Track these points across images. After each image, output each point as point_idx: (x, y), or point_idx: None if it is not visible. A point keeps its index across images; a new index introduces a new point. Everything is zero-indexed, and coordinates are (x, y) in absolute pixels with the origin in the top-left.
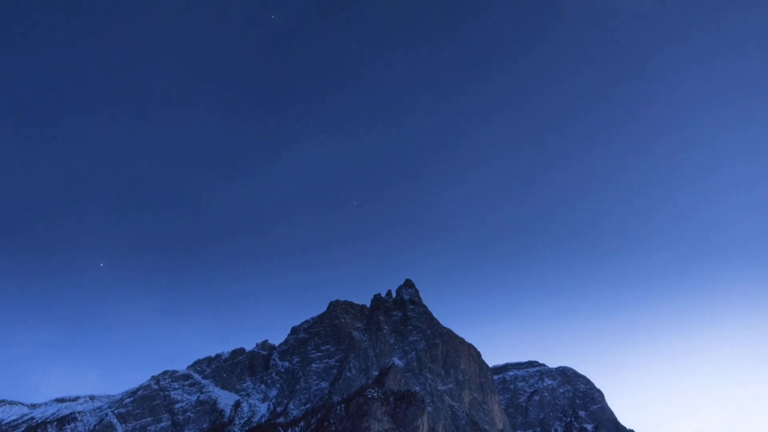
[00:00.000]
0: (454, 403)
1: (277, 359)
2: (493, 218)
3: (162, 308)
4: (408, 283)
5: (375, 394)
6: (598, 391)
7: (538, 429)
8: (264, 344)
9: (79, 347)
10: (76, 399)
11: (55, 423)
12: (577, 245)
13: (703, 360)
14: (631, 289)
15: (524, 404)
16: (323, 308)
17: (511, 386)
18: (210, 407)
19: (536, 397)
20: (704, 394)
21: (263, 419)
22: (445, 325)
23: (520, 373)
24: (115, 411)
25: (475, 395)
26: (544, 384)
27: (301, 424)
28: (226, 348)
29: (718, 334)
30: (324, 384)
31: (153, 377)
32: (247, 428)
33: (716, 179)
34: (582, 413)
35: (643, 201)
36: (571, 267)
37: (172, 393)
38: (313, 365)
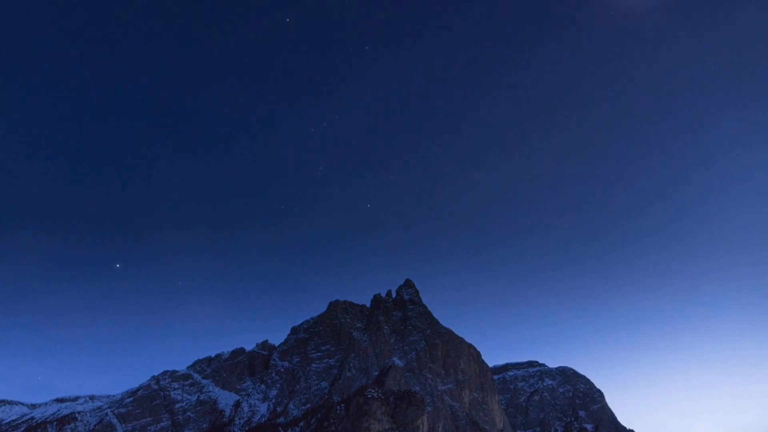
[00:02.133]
0: (454, 403)
1: (277, 359)
2: (493, 218)
3: (162, 308)
4: (408, 283)
5: (375, 394)
6: (598, 391)
7: (538, 429)
8: (264, 344)
9: (79, 346)
10: (76, 399)
11: (55, 423)
12: (577, 246)
13: (703, 360)
14: (631, 289)
15: (524, 404)
16: (323, 308)
17: (511, 386)
18: (210, 407)
19: (536, 397)
20: (704, 394)
21: (263, 419)
22: (445, 325)
23: (520, 373)
24: (115, 411)
25: (475, 395)
26: (544, 384)
27: (301, 424)
28: (226, 348)
29: (719, 334)
30: (324, 384)
31: (153, 377)
32: (247, 428)
33: (718, 181)
34: (582, 413)
35: (645, 202)
36: (571, 267)
37: (172, 393)
38: (313, 365)
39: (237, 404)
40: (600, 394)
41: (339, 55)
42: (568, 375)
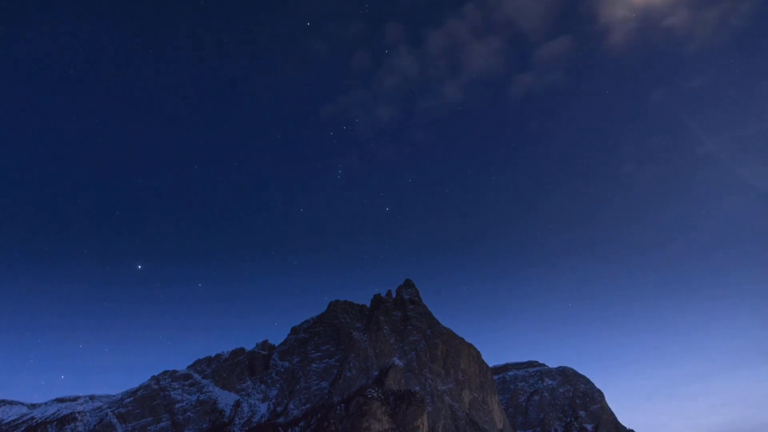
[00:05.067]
0: (454, 403)
1: (277, 359)
2: (494, 217)
3: (162, 308)
4: (408, 283)
5: (375, 394)
6: (598, 391)
7: (538, 429)
8: (264, 344)
9: (80, 347)
10: (76, 399)
11: (55, 423)
12: (577, 245)
13: (703, 360)
14: (631, 289)
15: (524, 404)
16: (323, 308)
17: (511, 386)
18: (210, 407)
19: (536, 397)
20: (704, 395)
21: (263, 419)
22: (445, 325)
23: (520, 373)
24: (115, 411)
25: (475, 395)
26: (544, 384)
27: (301, 424)
28: (226, 348)
29: (719, 334)
30: (324, 384)
31: (153, 377)
32: (247, 428)
33: (718, 184)
34: (582, 413)
35: (646, 201)
36: (571, 267)
37: (172, 393)
38: (313, 365)
39: (237, 404)
40: (600, 394)
41: (358, 58)
42: (568, 375)
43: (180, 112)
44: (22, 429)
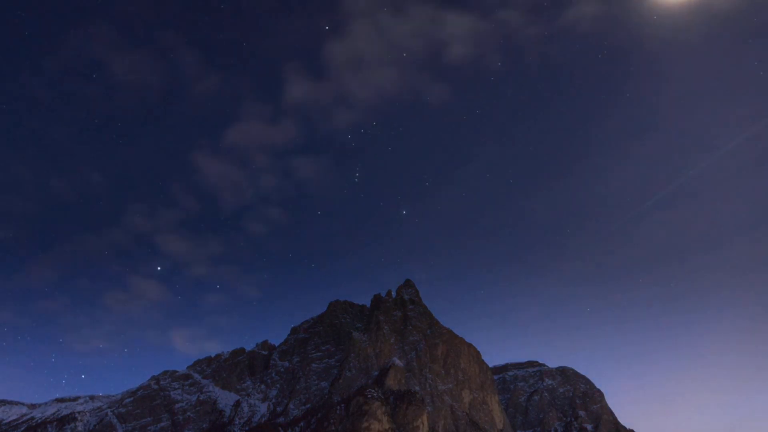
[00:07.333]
0: (454, 403)
1: (277, 359)
2: (493, 218)
3: (162, 307)
4: (408, 283)
5: (375, 394)
6: (598, 391)
7: (538, 429)
8: (264, 344)
9: (101, 346)
10: (76, 399)
11: (55, 423)
12: (577, 245)
13: (704, 360)
14: (631, 289)
15: (524, 404)
16: (323, 308)
17: (511, 386)
18: (210, 407)
19: (536, 397)
20: (705, 395)
21: (263, 419)
22: (445, 325)
23: (520, 373)
24: (115, 411)
25: (475, 395)
26: (544, 384)
27: (301, 424)
28: (226, 348)
29: (720, 334)
30: (324, 384)
31: (153, 377)
32: (247, 428)
33: (715, 183)
34: (582, 413)
35: (645, 202)
36: (571, 267)
37: (172, 393)
38: (313, 365)
39: (237, 404)
40: (600, 394)
41: (375, 62)
42: (568, 375)
43: (185, 115)
44: (22, 429)
